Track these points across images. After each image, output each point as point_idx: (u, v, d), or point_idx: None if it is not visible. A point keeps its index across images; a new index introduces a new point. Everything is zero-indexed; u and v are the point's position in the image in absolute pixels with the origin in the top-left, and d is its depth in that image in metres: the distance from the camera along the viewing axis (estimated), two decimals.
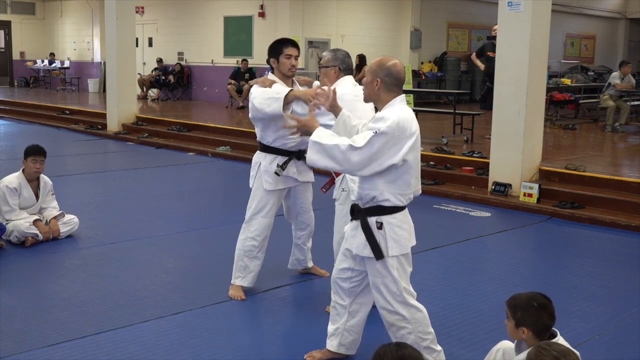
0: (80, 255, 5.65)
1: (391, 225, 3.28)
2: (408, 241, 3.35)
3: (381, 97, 3.31)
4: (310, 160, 3.30)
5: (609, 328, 4.31)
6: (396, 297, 3.32)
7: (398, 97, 3.31)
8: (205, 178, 9.61)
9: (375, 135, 3.15)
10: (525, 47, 7.59)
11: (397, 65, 3.31)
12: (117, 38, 13.07)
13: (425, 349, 3.36)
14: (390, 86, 3.29)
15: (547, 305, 2.85)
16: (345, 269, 3.52)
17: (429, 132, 11.84)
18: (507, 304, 2.95)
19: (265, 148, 4.54)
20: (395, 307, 3.33)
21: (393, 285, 3.31)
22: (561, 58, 22.34)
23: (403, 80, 3.33)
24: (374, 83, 3.30)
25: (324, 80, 4.33)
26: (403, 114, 3.22)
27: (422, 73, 18.70)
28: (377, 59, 3.37)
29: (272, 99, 4.18)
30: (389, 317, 3.37)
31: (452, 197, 8.01)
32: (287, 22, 16.12)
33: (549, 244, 6.49)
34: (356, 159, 3.17)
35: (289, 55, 4.45)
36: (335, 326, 3.64)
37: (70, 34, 23.05)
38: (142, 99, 18.35)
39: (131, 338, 3.97)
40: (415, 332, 3.35)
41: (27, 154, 5.95)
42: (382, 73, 3.29)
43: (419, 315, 3.37)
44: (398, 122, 3.17)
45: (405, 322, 3.34)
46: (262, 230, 4.58)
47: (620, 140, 11.76)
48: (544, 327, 2.83)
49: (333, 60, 4.29)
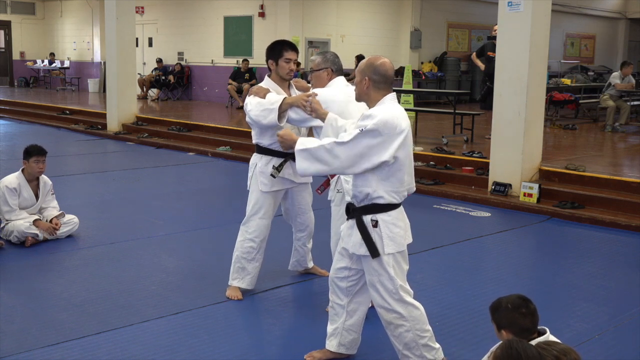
0: (80, 255, 5.65)
1: (386, 223, 3.30)
2: (404, 239, 3.38)
3: (371, 95, 3.34)
4: (301, 168, 3.32)
5: (609, 328, 4.30)
6: (393, 295, 3.33)
7: (388, 95, 3.34)
8: (205, 178, 9.61)
9: (362, 133, 3.17)
10: (525, 47, 7.59)
11: (385, 64, 3.33)
12: (117, 38, 13.07)
13: (423, 346, 3.37)
14: (379, 84, 3.31)
15: (522, 305, 2.83)
16: (342, 269, 3.53)
17: (429, 132, 11.85)
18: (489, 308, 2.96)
19: (261, 150, 4.55)
20: (392, 305, 3.33)
21: (389, 283, 3.32)
22: (561, 58, 22.35)
23: (391, 78, 3.36)
24: (362, 82, 3.34)
25: (316, 84, 4.37)
26: (391, 112, 3.24)
27: (422, 73, 18.70)
28: (365, 59, 3.41)
29: (267, 110, 4.19)
30: (386, 316, 3.37)
31: (452, 197, 8.01)
32: (287, 22, 16.12)
33: (549, 244, 6.49)
34: (343, 155, 3.19)
35: (288, 60, 4.46)
36: (334, 326, 3.64)
37: (70, 34, 23.06)
38: (142, 99, 18.35)
39: (131, 338, 3.97)
40: (413, 329, 3.35)
41: (28, 154, 5.94)
42: (370, 72, 3.32)
43: (416, 312, 3.37)
44: (386, 120, 3.19)
45: (403, 320, 3.34)
46: (260, 232, 4.59)
47: (620, 140, 11.76)
48: (522, 329, 2.81)
49: (324, 63, 4.33)
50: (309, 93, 4.17)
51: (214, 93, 18.31)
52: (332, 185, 4.23)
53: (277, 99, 4.18)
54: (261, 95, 4.30)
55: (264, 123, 4.25)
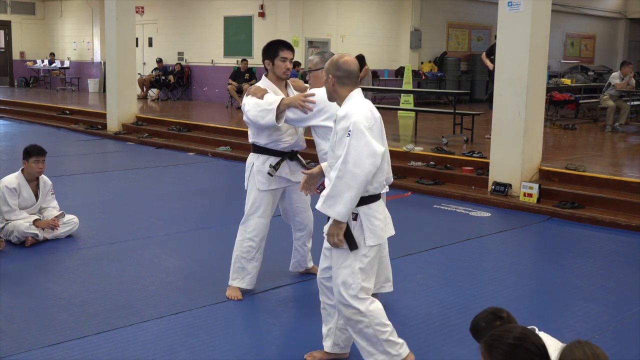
0: (80, 255, 5.65)
1: (367, 216, 3.31)
2: (383, 231, 3.40)
3: (338, 92, 3.43)
4: (340, 215, 3.22)
5: (609, 328, 4.30)
6: (350, 291, 3.31)
7: (354, 90, 3.42)
8: (205, 178, 9.61)
9: (351, 137, 3.20)
10: (525, 47, 7.59)
11: (347, 61, 3.42)
12: (117, 38, 13.08)
13: (385, 342, 3.34)
14: (343, 79, 3.40)
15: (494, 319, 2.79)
16: (326, 269, 3.54)
17: (429, 132, 11.85)
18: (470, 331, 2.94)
19: (258, 149, 4.57)
20: (349, 300, 3.31)
21: (351, 278, 3.30)
22: (561, 58, 22.34)
23: (355, 73, 3.43)
24: (328, 80, 3.44)
25: (314, 84, 4.39)
26: (360, 105, 3.32)
27: (422, 73, 18.70)
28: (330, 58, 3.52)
29: (265, 111, 4.24)
30: (345, 311, 3.36)
31: (452, 197, 8.00)
32: (287, 22, 16.12)
33: (549, 244, 6.49)
34: (359, 170, 3.18)
35: (284, 58, 4.49)
36: (327, 327, 3.66)
37: (70, 34, 23.06)
38: (142, 99, 18.35)
39: (131, 338, 3.97)
40: (372, 325, 3.33)
41: (28, 154, 5.94)
42: (333, 69, 3.41)
43: (374, 306, 3.35)
44: (361, 112, 3.27)
45: (361, 316, 3.32)
46: (259, 231, 4.59)
47: (620, 140, 11.76)
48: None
49: (322, 62, 4.33)
50: (306, 93, 4.19)
51: (214, 93, 18.32)
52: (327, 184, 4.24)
53: (275, 100, 4.21)
54: (259, 95, 4.32)
55: (262, 123, 4.28)
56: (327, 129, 4.08)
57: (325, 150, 4.21)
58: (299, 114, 4.15)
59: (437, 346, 3.93)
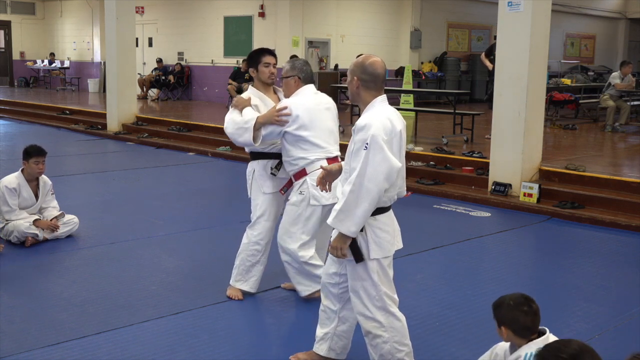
0: (80, 255, 5.65)
1: (372, 227, 3.16)
2: (391, 244, 3.23)
3: (361, 96, 3.22)
4: (350, 231, 3.07)
5: (609, 328, 4.31)
6: (375, 302, 3.20)
7: (378, 97, 3.20)
8: (205, 178, 9.61)
9: (368, 150, 3.03)
10: (525, 47, 7.59)
11: (375, 63, 3.19)
12: (117, 38, 13.08)
13: None
14: (368, 84, 3.17)
15: (524, 304, 2.83)
16: (333, 274, 3.43)
17: (429, 132, 11.85)
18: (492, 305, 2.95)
19: (256, 156, 4.60)
20: (374, 312, 3.21)
21: (372, 289, 3.20)
22: (561, 58, 22.34)
23: (381, 78, 3.21)
24: (352, 82, 3.21)
25: (285, 91, 4.48)
26: (383, 115, 3.12)
27: (422, 73, 18.70)
28: (356, 58, 3.31)
29: (242, 129, 4.31)
30: (365, 324, 3.25)
31: (452, 197, 8.00)
32: (287, 22, 16.12)
33: (549, 244, 6.49)
34: (372, 185, 3.03)
35: (267, 64, 4.55)
36: (324, 330, 3.55)
37: (70, 34, 23.06)
38: (142, 99, 18.35)
39: (131, 338, 3.97)
40: (391, 341, 3.22)
41: (28, 154, 5.94)
42: (359, 71, 3.19)
43: (397, 324, 3.24)
44: (382, 123, 3.07)
45: (382, 330, 3.21)
46: (265, 234, 4.61)
47: (620, 140, 11.76)
48: (522, 327, 2.82)
49: (291, 70, 4.44)
50: (278, 107, 4.27)
51: (214, 93, 18.32)
52: (295, 187, 4.35)
53: (251, 117, 4.29)
54: (240, 107, 4.41)
55: (239, 141, 4.38)
56: (297, 137, 4.21)
57: (295, 157, 4.29)
58: (272, 129, 4.24)
59: (437, 346, 3.93)
